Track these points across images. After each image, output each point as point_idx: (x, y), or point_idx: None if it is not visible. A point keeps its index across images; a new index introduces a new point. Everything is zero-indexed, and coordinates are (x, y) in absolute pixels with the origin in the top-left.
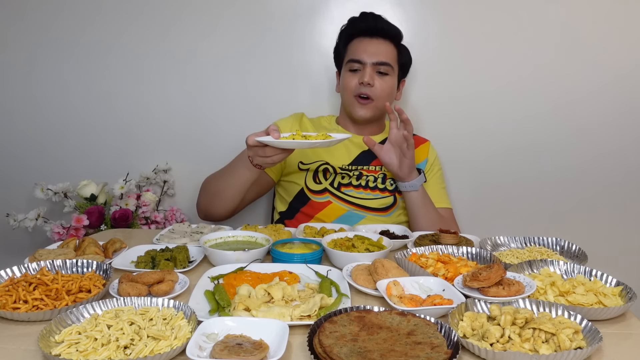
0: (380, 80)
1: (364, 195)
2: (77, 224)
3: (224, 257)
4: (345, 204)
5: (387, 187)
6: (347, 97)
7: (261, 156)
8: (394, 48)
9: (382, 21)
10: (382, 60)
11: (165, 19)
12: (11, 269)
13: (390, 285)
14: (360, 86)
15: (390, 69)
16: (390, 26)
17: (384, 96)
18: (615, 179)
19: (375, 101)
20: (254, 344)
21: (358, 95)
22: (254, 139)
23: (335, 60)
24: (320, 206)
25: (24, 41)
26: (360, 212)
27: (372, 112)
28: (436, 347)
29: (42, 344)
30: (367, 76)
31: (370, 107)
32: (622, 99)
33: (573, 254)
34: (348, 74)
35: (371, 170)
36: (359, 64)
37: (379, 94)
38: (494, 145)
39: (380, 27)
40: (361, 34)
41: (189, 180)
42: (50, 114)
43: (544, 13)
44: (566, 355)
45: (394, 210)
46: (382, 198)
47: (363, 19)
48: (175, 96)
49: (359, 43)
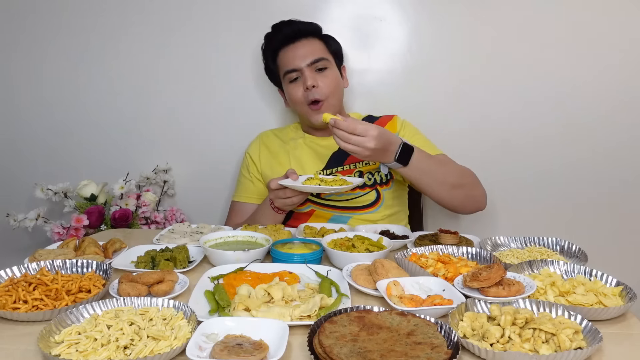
0: (323, 77)
1: (345, 197)
2: (77, 224)
3: (223, 257)
4: (329, 209)
5: (366, 182)
6: (300, 109)
7: (282, 198)
8: (320, 41)
9: (296, 24)
10: (315, 58)
11: (166, 20)
12: (11, 269)
13: (390, 285)
14: (307, 93)
15: (327, 61)
16: (306, 24)
17: (332, 91)
18: (616, 179)
19: (326, 101)
20: (254, 344)
21: (309, 103)
22: (277, 182)
23: (270, 79)
24: (305, 216)
25: (25, 43)
26: (345, 213)
27: (330, 110)
28: (436, 347)
29: (42, 344)
30: (308, 80)
31: (324, 108)
32: (623, 97)
33: (573, 254)
34: (290, 86)
35: (346, 170)
36: (296, 72)
37: (326, 91)
38: (494, 145)
39: (297, 29)
40: (284, 43)
41: (189, 180)
42: (50, 114)
43: (543, 11)
44: (566, 355)
45: (379, 205)
46: (364, 195)
47: (277, 30)
48: (175, 96)
49: (286, 53)
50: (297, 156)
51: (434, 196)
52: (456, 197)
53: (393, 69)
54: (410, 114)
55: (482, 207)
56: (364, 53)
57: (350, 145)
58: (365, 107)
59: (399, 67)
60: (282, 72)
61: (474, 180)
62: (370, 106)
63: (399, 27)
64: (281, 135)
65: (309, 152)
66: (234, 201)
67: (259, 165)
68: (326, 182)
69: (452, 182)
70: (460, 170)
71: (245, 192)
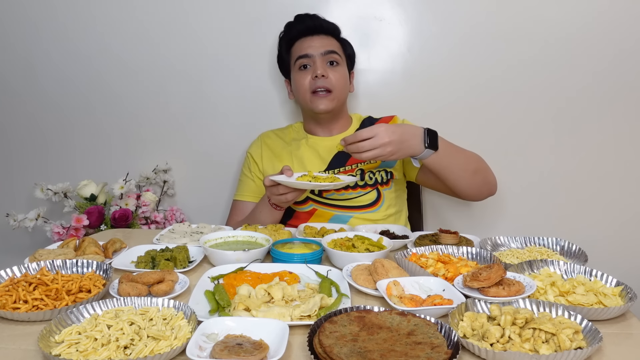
0: (333, 71)
1: (347, 196)
2: (77, 224)
3: (224, 257)
4: (331, 208)
5: (367, 182)
6: (304, 96)
7: (276, 194)
8: (337, 41)
9: (319, 19)
10: (329, 49)
11: (166, 19)
12: (11, 269)
13: (390, 285)
14: (314, 81)
15: (339, 57)
16: (328, 23)
17: (340, 87)
18: (616, 179)
19: (334, 92)
20: (254, 344)
21: (314, 90)
22: (269, 179)
23: (280, 68)
24: (306, 215)
25: (23, 41)
26: (346, 212)
27: (333, 104)
28: (436, 347)
29: (42, 344)
30: (319, 68)
31: (330, 98)
32: (623, 97)
33: (573, 254)
34: (299, 72)
35: (348, 169)
36: (308, 59)
37: (335, 83)
38: (494, 145)
39: (318, 24)
40: (302, 35)
41: (189, 180)
42: (50, 114)
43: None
44: (566, 355)
45: (380, 205)
46: (365, 194)
47: (300, 20)
48: (175, 96)
49: (302, 42)
50: (299, 157)
51: (457, 183)
52: (475, 183)
53: (393, 69)
54: (410, 114)
55: (494, 191)
56: (364, 53)
57: (368, 153)
58: (365, 107)
59: (399, 67)
60: (294, 58)
61: (486, 165)
62: (370, 106)
63: (399, 27)
64: (282, 136)
65: (311, 153)
66: (235, 200)
67: (261, 165)
68: (319, 179)
69: (473, 167)
70: (476, 156)
71: (247, 191)
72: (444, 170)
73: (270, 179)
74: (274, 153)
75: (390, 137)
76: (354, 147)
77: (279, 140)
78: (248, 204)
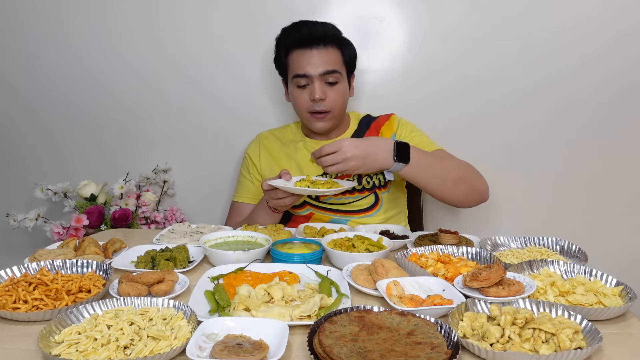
0: (332, 91)
1: (344, 200)
2: (77, 224)
3: (223, 257)
4: (328, 212)
5: (365, 185)
6: (302, 114)
7: (274, 198)
8: (337, 50)
9: (316, 28)
10: (328, 69)
11: (166, 19)
12: (11, 269)
13: (390, 285)
14: (312, 103)
15: (339, 75)
16: (327, 29)
17: (339, 105)
18: (616, 179)
19: (332, 112)
20: (254, 344)
21: (312, 112)
22: (268, 183)
23: (278, 69)
24: (304, 219)
25: (22, 42)
26: (343, 217)
27: (331, 123)
28: (436, 347)
29: (42, 344)
30: (317, 92)
31: (328, 118)
32: (623, 97)
33: (573, 254)
34: (297, 90)
35: (345, 174)
36: (306, 78)
37: (333, 104)
38: (494, 145)
39: (315, 35)
40: (299, 46)
41: (189, 180)
42: (50, 114)
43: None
44: (566, 355)
45: (378, 209)
46: (363, 198)
47: (295, 29)
48: (174, 96)
49: (301, 56)
50: (297, 160)
51: (437, 193)
52: (459, 192)
53: (393, 69)
54: (409, 114)
55: (486, 198)
56: (364, 53)
57: (332, 167)
58: (365, 106)
59: (398, 67)
60: (292, 73)
61: (474, 173)
62: (370, 106)
63: (399, 27)
64: (280, 136)
65: (308, 157)
66: (234, 201)
67: (259, 166)
68: (317, 184)
69: (454, 177)
70: (460, 164)
71: (246, 192)
72: (420, 182)
73: (269, 184)
74: (271, 155)
75: (353, 152)
76: (320, 162)
77: (276, 142)
78: (247, 206)
